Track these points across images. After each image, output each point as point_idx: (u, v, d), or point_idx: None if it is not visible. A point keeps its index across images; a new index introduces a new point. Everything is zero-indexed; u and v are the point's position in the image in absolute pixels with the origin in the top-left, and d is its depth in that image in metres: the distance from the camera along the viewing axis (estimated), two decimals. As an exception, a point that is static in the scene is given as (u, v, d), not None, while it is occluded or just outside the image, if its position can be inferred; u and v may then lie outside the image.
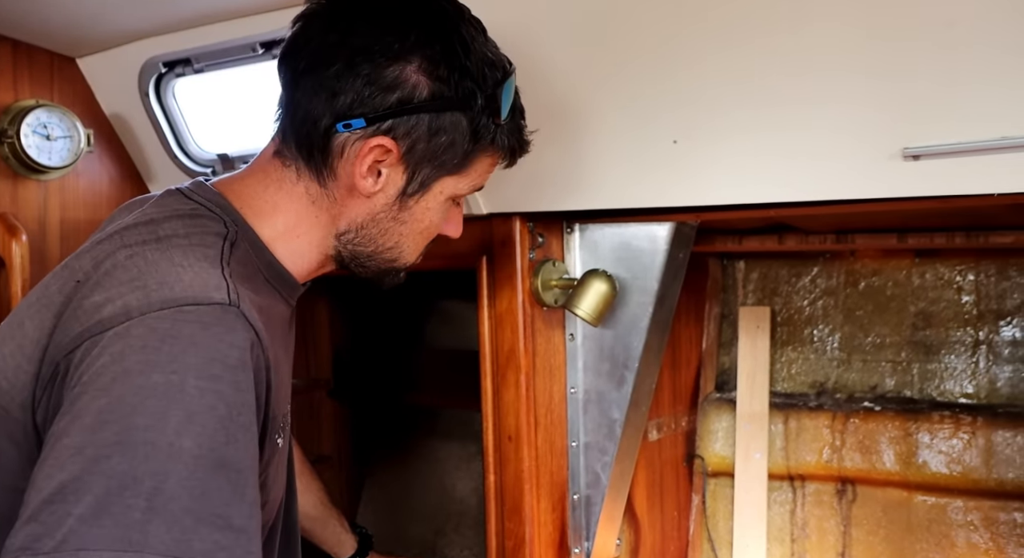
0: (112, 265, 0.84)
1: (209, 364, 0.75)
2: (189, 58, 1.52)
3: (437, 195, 0.98)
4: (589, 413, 1.44)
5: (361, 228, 0.98)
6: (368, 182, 0.94)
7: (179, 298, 0.78)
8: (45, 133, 1.59)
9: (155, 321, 0.76)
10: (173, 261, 0.83)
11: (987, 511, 1.51)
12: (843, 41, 1.03)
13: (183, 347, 0.75)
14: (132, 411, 0.72)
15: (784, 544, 1.68)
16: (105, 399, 0.72)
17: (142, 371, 0.73)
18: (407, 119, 0.92)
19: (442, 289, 1.98)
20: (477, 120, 0.95)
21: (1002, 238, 1.35)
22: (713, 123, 1.15)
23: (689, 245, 1.39)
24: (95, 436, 0.71)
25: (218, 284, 0.82)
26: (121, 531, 0.68)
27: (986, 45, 0.95)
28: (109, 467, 0.69)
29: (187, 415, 0.72)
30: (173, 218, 0.91)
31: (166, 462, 0.70)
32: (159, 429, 0.71)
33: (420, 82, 0.91)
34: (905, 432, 1.58)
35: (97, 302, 0.80)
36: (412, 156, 0.94)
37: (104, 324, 0.77)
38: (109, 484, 0.69)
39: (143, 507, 0.68)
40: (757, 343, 1.71)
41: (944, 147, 1.00)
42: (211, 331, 0.77)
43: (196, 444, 0.72)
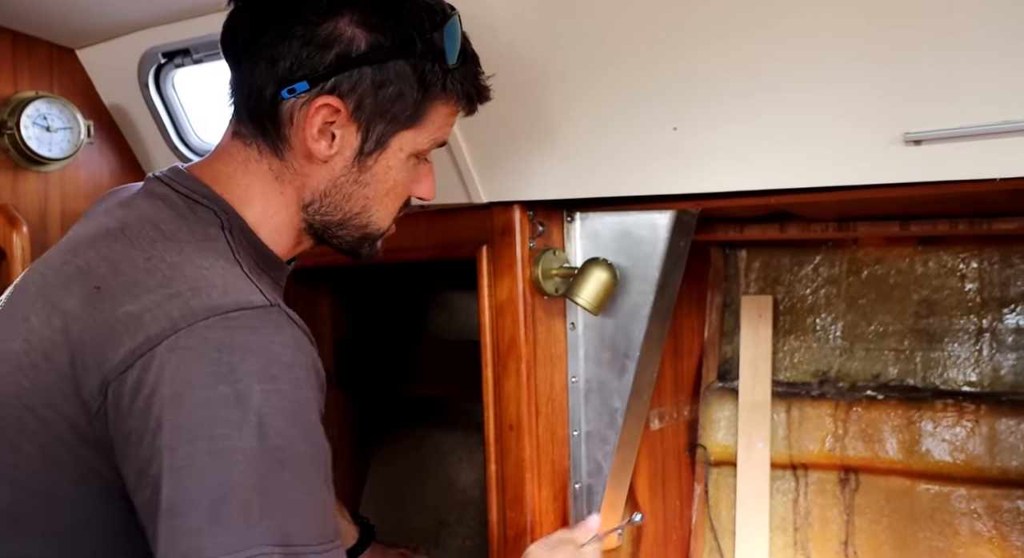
0: (132, 268, 0.84)
1: (268, 367, 0.78)
2: (188, 49, 1.52)
3: (397, 152, 0.96)
4: (590, 402, 1.44)
5: (325, 196, 0.96)
6: (322, 146, 0.93)
7: (220, 305, 0.80)
8: (45, 124, 1.59)
9: (205, 331, 0.78)
10: (194, 263, 0.84)
11: (990, 499, 1.51)
12: (844, 26, 1.02)
13: (240, 355, 0.77)
14: (210, 424, 0.75)
15: (787, 533, 1.68)
16: (179, 416, 0.76)
17: (208, 384, 0.76)
18: (349, 74, 0.90)
19: (443, 279, 1.98)
20: (421, 66, 0.92)
21: (1005, 225, 1.34)
22: (713, 110, 1.14)
23: (690, 233, 1.39)
24: (182, 454, 0.75)
25: (249, 287, 0.84)
26: (232, 538, 0.73)
27: (987, 29, 0.94)
28: (205, 480, 0.74)
29: (260, 420, 0.76)
30: (169, 212, 0.91)
31: (255, 465, 0.75)
32: (239, 437, 0.75)
33: (356, 35, 0.90)
34: (908, 420, 1.58)
35: (132, 312, 0.80)
36: (362, 112, 0.92)
37: (152, 340, 0.78)
38: (211, 496, 0.74)
39: (241, 512, 0.74)
40: (759, 332, 1.71)
41: (946, 132, 0.99)
42: (262, 335, 0.79)
43: (274, 445, 0.76)
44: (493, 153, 1.33)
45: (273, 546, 0.74)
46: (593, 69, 1.21)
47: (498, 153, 1.32)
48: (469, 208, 1.40)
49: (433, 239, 1.48)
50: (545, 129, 1.27)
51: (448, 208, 1.43)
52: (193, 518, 0.74)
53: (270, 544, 0.74)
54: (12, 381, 0.84)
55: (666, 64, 1.15)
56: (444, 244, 1.48)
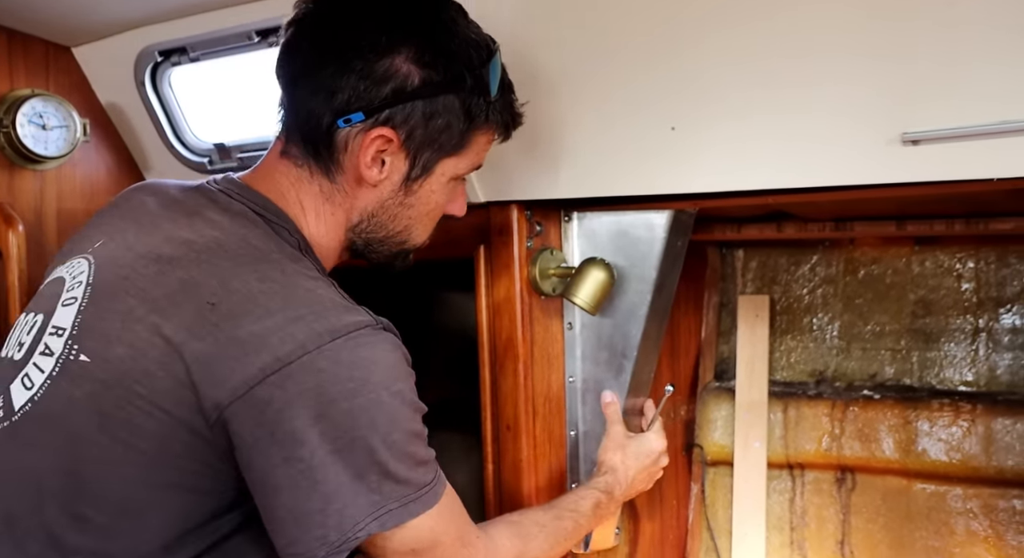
0: (247, 289, 0.91)
1: (389, 376, 0.91)
2: (185, 47, 1.52)
3: (440, 177, 1.04)
4: (588, 402, 1.44)
5: (372, 216, 1.04)
6: (373, 171, 1.00)
7: (341, 327, 0.90)
8: (41, 123, 1.58)
9: (333, 352, 0.88)
10: (303, 286, 0.93)
11: (986, 499, 1.51)
12: (842, 25, 1.02)
13: (368, 370, 0.89)
14: (352, 427, 0.88)
15: (783, 533, 1.68)
16: (323, 424, 0.87)
17: (346, 397, 0.88)
18: (403, 107, 0.97)
19: (440, 278, 1.98)
20: (469, 100, 1.00)
21: (1002, 225, 1.35)
22: (711, 109, 1.15)
23: (687, 233, 1.39)
24: (328, 452, 0.87)
25: (354, 307, 0.94)
26: (371, 500, 0.89)
27: (986, 28, 0.94)
28: (347, 469, 0.88)
29: (390, 418, 0.90)
30: (253, 229, 0.98)
31: (386, 452, 0.89)
32: (374, 434, 0.89)
33: (411, 71, 0.97)
34: (904, 420, 1.58)
35: (256, 333, 0.88)
36: (412, 142, 0.99)
37: (281, 360, 0.87)
38: (352, 480, 0.88)
39: (377, 482, 0.89)
40: (756, 332, 1.71)
41: (943, 131, 1.00)
42: (378, 349, 0.91)
43: (402, 434, 0.91)
44: (491, 153, 1.33)
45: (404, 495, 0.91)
46: (590, 68, 1.21)
47: (495, 153, 1.32)
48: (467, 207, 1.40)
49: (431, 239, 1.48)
50: (542, 129, 1.27)
51: (445, 207, 1.42)
52: (343, 498, 0.87)
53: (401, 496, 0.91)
54: (123, 385, 0.89)
55: (664, 63, 1.15)
56: (441, 244, 1.47)
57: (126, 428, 0.89)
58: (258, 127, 1.58)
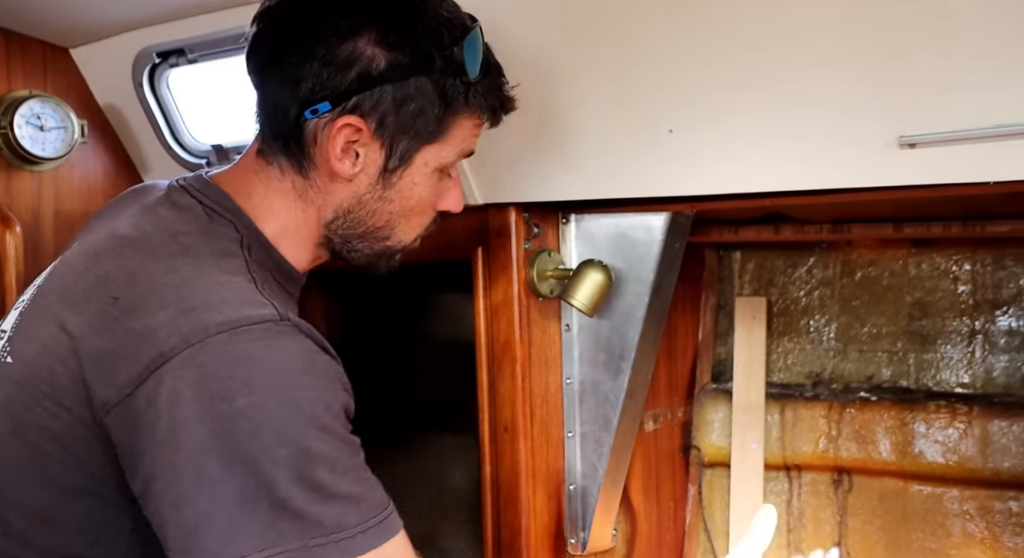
0: (150, 282, 0.86)
1: (281, 378, 0.80)
2: (183, 48, 1.52)
3: (421, 167, 0.97)
4: (585, 404, 1.44)
5: (348, 212, 0.97)
6: (346, 165, 0.94)
7: (231, 320, 0.81)
8: (39, 124, 1.58)
9: (218, 346, 0.80)
10: (210, 278, 0.86)
11: (983, 500, 1.52)
12: (839, 28, 1.02)
13: (251, 368, 0.80)
14: (229, 434, 0.77)
15: (780, 534, 1.68)
16: (199, 429, 0.77)
17: (226, 397, 0.78)
18: (370, 93, 0.91)
19: (437, 280, 1.98)
20: (442, 81, 0.93)
21: (998, 227, 1.35)
22: (708, 112, 1.15)
23: (685, 235, 1.39)
24: (202, 464, 0.77)
25: (261, 301, 0.85)
26: (256, 539, 0.76)
27: (982, 32, 0.95)
28: (225, 488, 0.77)
29: (276, 430, 0.78)
30: (192, 225, 0.93)
31: (273, 471, 0.77)
32: (258, 447, 0.77)
33: (376, 53, 0.90)
34: (901, 422, 1.58)
35: (149, 326, 0.82)
36: (384, 130, 0.93)
37: (165, 355, 0.80)
38: (236, 501, 0.77)
39: (268, 510, 0.76)
40: (753, 333, 1.71)
41: (940, 135, 1.00)
42: (273, 347, 0.81)
43: (295, 452, 0.78)
44: (488, 154, 1.33)
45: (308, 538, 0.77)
46: (589, 71, 1.21)
47: (493, 155, 1.32)
48: (464, 209, 1.40)
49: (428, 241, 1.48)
50: (540, 130, 1.28)
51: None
52: (219, 524, 0.77)
53: (302, 538, 0.77)
54: (32, 385, 0.86)
55: (662, 66, 1.15)
56: (439, 246, 1.48)
57: (34, 430, 0.85)
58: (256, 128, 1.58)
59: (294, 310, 1.00)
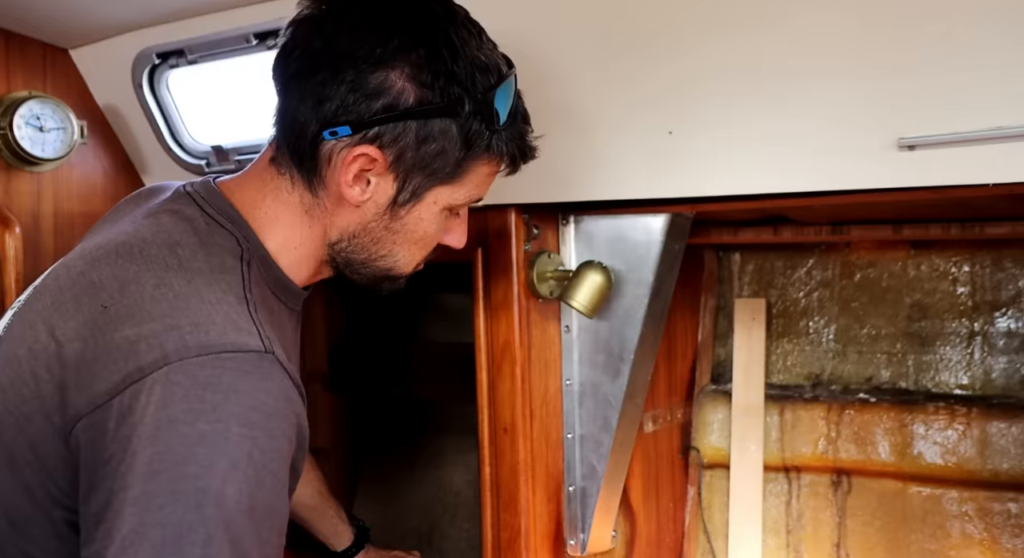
0: (140, 294, 0.84)
1: (249, 412, 0.78)
2: (183, 49, 1.52)
3: (431, 205, 0.96)
4: (585, 405, 1.44)
5: (353, 237, 0.97)
6: (355, 191, 0.93)
7: (215, 344, 0.80)
8: (38, 125, 1.58)
9: (195, 368, 0.78)
10: (202, 297, 0.84)
11: (982, 502, 1.52)
12: (839, 31, 1.03)
13: (225, 395, 0.77)
14: (182, 460, 0.75)
15: (779, 535, 1.68)
16: (153, 449, 0.75)
17: (188, 420, 0.76)
18: (393, 127, 0.90)
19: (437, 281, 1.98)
20: (467, 127, 0.92)
21: (997, 229, 1.35)
22: (708, 113, 1.15)
23: (684, 237, 1.39)
24: (147, 486, 0.75)
25: (249, 329, 0.83)
26: None
27: (981, 34, 0.95)
28: (163, 517, 0.74)
29: (231, 463, 0.76)
30: (192, 237, 0.91)
31: (215, 509, 0.74)
32: (208, 477, 0.75)
33: (406, 88, 0.89)
34: (900, 423, 1.58)
35: (130, 338, 0.80)
36: (401, 164, 0.92)
37: (144, 370, 0.78)
38: (164, 534, 0.73)
39: (199, 555, 0.73)
40: (753, 335, 1.71)
41: (939, 137, 1.00)
42: (250, 379, 0.79)
43: (237, 491, 0.76)
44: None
45: None
46: (589, 73, 1.21)
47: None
48: (464, 210, 1.40)
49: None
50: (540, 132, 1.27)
51: (443, 210, 1.42)
52: (143, 553, 0.73)
53: None
54: (15, 388, 0.85)
55: (662, 67, 1.16)
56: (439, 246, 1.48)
57: (11, 432, 0.84)
58: (256, 130, 1.58)
59: (292, 324, 1.01)
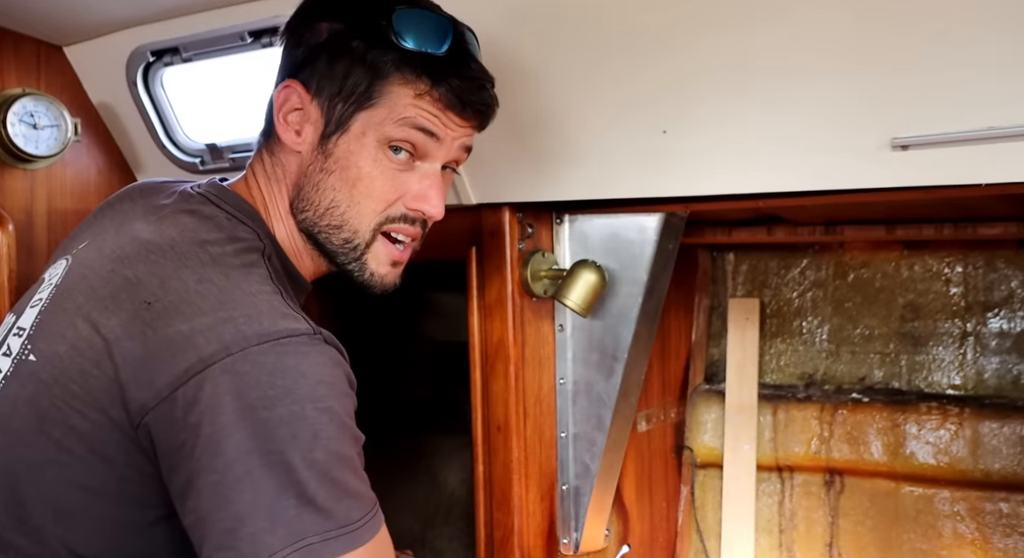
0: (184, 289, 0.88)
1: (316, 388, 0.84)
2: (177, 47, 1.51)
3: (359, 136, 0.96)
4: (578, 404, 1.44)
5: (300, 189, 1.00)
6: (291, 134, 0.99)
7: (271, 332, 0.85)
8: (32, 122, 1.57)
9: (258, 356, 0.83)
10: (243, 289, 0.89)
11: (973, 501, 1.52)
12: (833, 30, 1.03)
13: (294, 379, 0.83)
14: (268, 440, 0.81)
15: (772, 535, 1.68)
16: (239, 434, 0.81)
17: (266, 406, 0.82)
18: (311, 61, 0.98)
19: (431, 280, 1.98)
20: (371, 46, 0.96)
21: (990, 230, 1.36)
22: (702, 113, 1.15)
23: (678, 236, 1.39)
24: (239, 467, 0.81)
25: (295, 315, 0.89)
26: (289, 529, 0.80)
27: (976, 33, 0.95)
28: (264, 487, 0.80)
29: (313, 435, 0.82)
30: (217, 233, 0.95)
31: (305, 471, 0.81)
32: (294, 450, 0.81)
33: (322, 28, 0.98)
34: (893, 423, 1.59)
35: (184, 332, 0.84)
36: (321, 94, 0.98)
37: (205, 361, 0.82)
38: (271, 501, 0.80)
39: (296, 507, 0.80)
40: (746, 335, 1.72)
41: (933, 137, 1.00)
42: (310, 360, 0.86)
43: (325, 454, 0.83)
44: (483, 155, 1.33)
45: (326, 531, 0.81)
46: (582, 71, 1.21)
47: (488, 155, 1.32)
48: (458, 209, 1.40)
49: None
50: (535, 131, 1.28)
51: (437, 209, 1.42)
52: (257, 521, 0.80)
53: (322, 531, 0.81)
54: (60, 384, 0.88)
55: (656, 66, 1.16)
56: (433, 245, 1.47)
57: (60, 428, 0.87)
58: (250, 128, 1.58)
59: None
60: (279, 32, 1.05)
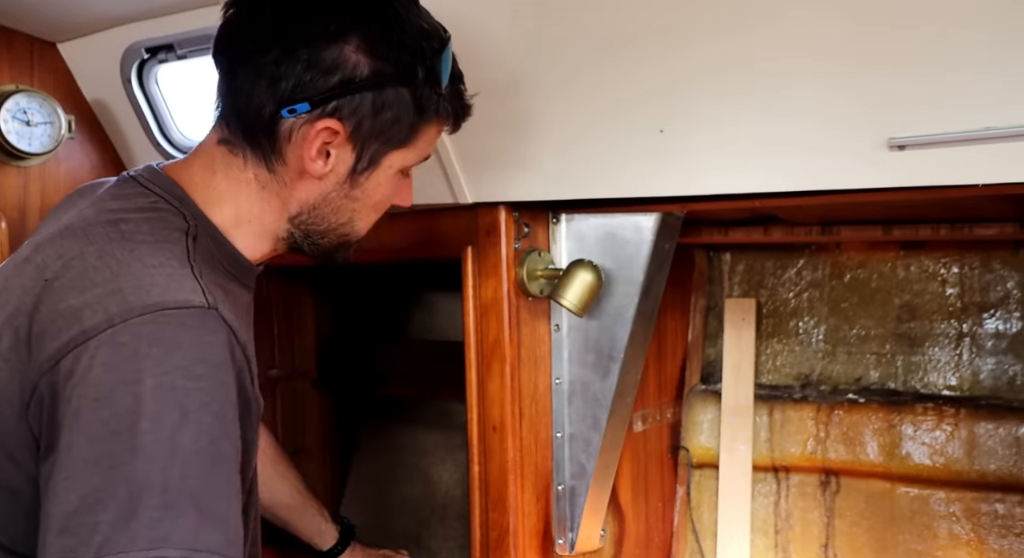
0: (83, 265, 0.85)
1: (193, 364, 0.80)
2: (172, 44, 1.51)
3: (387, 170, 0.99)
4: (574, 404, 1.44)
5: (314, 209, 0.98)
6: (318, 164, 0.95)
7: (158, 302, 0.81)
8: (25, 119, 1.57)
9: (138, 326, 0.79)
10: (144, 262, 0.85)
11: (969, 502, 1.52)
12: (830, 30, 1.03)
13: (168, 349, 0.79)
14: (135, 417, 0.76)
15: (768, 535, 1.68)
16: (108, 410, 0.77)
17: (135, 379, 0.77)
18: (351, 99, 0.92)
19: (427, 279, 1.98)
20: (420, 92, 0.95)
21: (986, 230, 1.36)
22: (699, 112, 1.15)
23: (675, 236, 1.39)
24: (107, 446, 0.76)
25: (193, 287, 0.85)
26: (147, 531, 0.74)
27: (972, 36, 0.95)
28: (126, 473, 0.75)
29: (181, 414, 0.78)
30: (135, 213, 0.92)
31: (171, 459, 0.76)
32: (160, 429, 0.77)
33: (360, 61, 0.92)
34: (889, 424, 1.59)
35: (74, 306, 0.82)
36: (359, 135, 0.94)
37: (87, 333, 0.79)
38: (130, 489, 0.75)
39: (159, 506, 0.75)
40: (743, 335, 1.72)
41: (930, 137, 1.00)
42: (193, 333, 0.81)
43: (193, 440, 0.78)
44: (479, 154, 1.33)
45: (182, 548, 0.75)
46: (580, 70, 1.21)
47: (484, 154, 1.32)
48: (454, 208, 1.40)
49: (418, 239, 1.48)
50: (531, 130, 1.27)
51: (433, 208, 1.42)
52: (109, 512, 0.74)
53: (179, 547, 0.75)
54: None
55: (653, 66, 1.15)
56: (429, 244, 1.48)
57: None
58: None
59: (246, 302, 1.01)
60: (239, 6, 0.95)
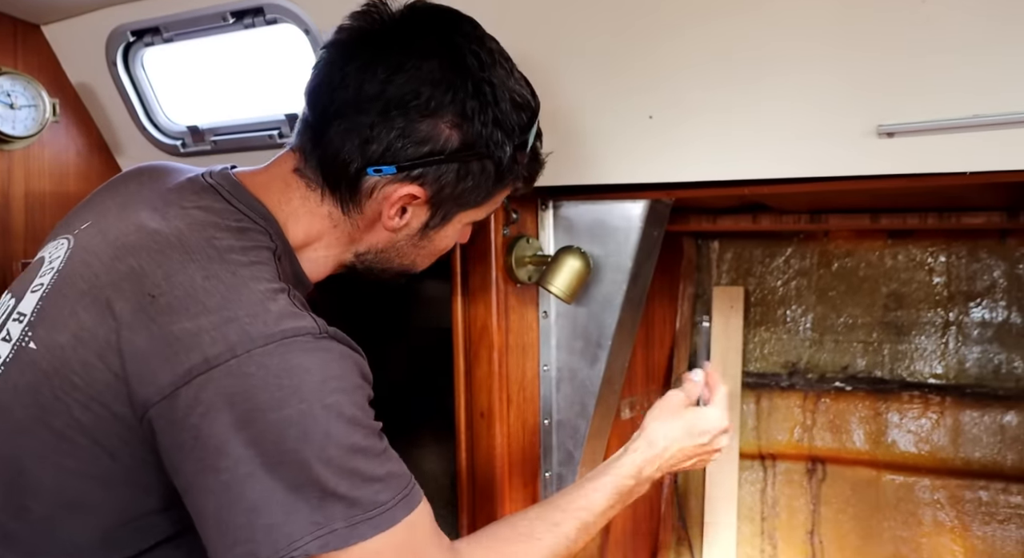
0: (190, 285, 0.87)
1: (323, 385, 0.85)
2: (158, 27, 1.49)
3: (456, 225, 1.04)
4: (562, 391, 1.44)
5: (380, 252, 1.04)
6: (395, 221, 0.99)
7: (276, 332, 0.85)
8: (9, 102, 1.55)
9: (263, 357, 0.84)
10: (250, 288, 0.88)
11: (953, 489, 1.53)
12: (819, 17, 1.02)
13: (300, 378, 0.84)
14: (279, 440, 0.82)
15: (754, 522, 1.69)
16: (247, 433, 0.82)
17: (274, 407, 0.83)
18: (436, 168, 0.96)
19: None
20: (505, 165, 0.98)
21: (973, 219, 1.36)
22: (689, 99, 1.14)
23: (663, 223, 1.39)
24: (250, 466, 0.82)
25: (301, 314, 0.89)
26: (310, 519, 0.82)
27: (960, 22, 0.95)
28: (274, 485, 0.82)
29: (324, 433, 0.84)
30: (225, 231, 0.94)
31: (323, 468, 0.83)
32: (308, 449, 0.83)
33: (452, 136, 0.95)
34: (875, 412, 1.60)
35: (190, 330, 0.84)
36: (439, 198, 0.98)
37: (209, 361, 0.83)
38: (285, 497, 0.82)
39: (317, 499, 0.83)
40: (730, 323, 1.72)
41: (918, 125, 1.00)
42: (315, 356, 0.86)
43: (338, 450, 0.84)
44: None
45: (352, 516, 0.84)
46: (568, 56, 1.20)
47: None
48: (443, 194, 1.39)
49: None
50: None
51: (421, 194, 1.41)
52: (272, 515, 0.82)
53: (348, 516, 0.83)
54: (61, 375, 0.87)
55: (643, 52, 1.15)
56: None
57: (61, 419, 0.87)
58: (232, 110, 1.56)
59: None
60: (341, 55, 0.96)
